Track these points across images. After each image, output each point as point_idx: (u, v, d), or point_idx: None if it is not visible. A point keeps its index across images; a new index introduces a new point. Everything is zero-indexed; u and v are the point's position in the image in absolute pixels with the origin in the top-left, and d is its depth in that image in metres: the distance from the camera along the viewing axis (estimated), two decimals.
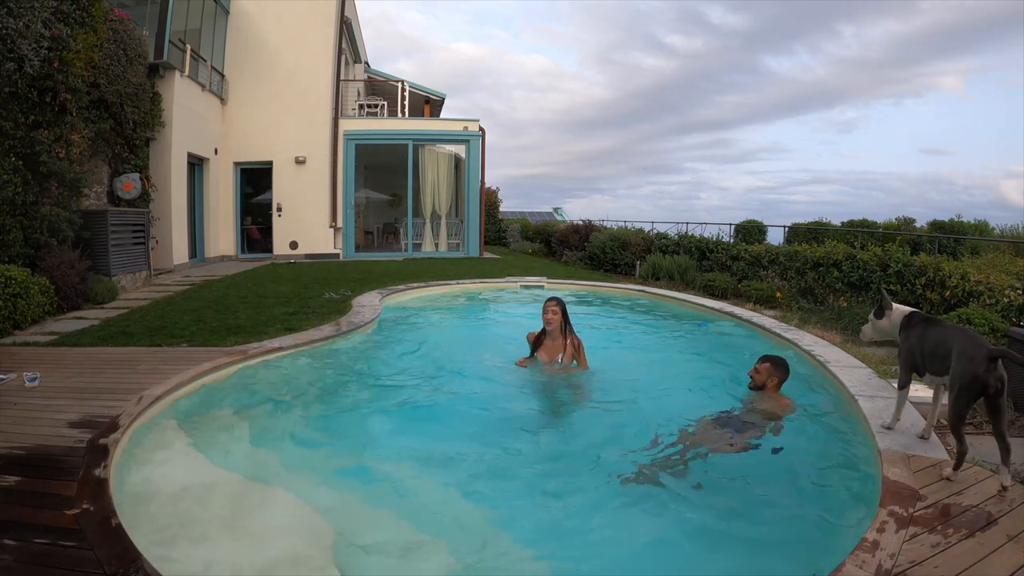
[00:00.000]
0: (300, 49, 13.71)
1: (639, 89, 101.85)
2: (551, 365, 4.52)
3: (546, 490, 2.91)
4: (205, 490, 2.77)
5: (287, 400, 4.00)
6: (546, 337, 4.58)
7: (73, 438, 2.82)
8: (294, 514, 2.64)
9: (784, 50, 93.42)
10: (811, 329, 5.95)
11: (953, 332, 2.69)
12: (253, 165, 13.83)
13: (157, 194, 10.05)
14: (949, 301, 5.83)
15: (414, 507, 2.73)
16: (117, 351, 4.66)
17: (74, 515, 2.14)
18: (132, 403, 3.27)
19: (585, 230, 15.17)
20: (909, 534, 2.12)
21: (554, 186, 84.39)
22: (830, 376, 4.16)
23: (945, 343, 2.66)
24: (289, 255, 13.76)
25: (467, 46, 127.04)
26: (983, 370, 2.41)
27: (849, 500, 2.72)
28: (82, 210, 7.47)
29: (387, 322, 6.62)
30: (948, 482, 2.52)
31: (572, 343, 4.54)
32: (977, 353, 2.45)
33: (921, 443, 2.91)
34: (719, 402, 3.96)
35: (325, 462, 3.17)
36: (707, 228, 13.13)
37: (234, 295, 7.63)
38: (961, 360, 2.51)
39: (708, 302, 7.53)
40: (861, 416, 3.31)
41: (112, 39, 8.21)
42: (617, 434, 3.55)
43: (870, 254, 7.36)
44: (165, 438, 3.21)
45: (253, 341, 4.92)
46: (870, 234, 12.53)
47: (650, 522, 2.64)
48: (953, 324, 2.87)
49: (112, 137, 8.81)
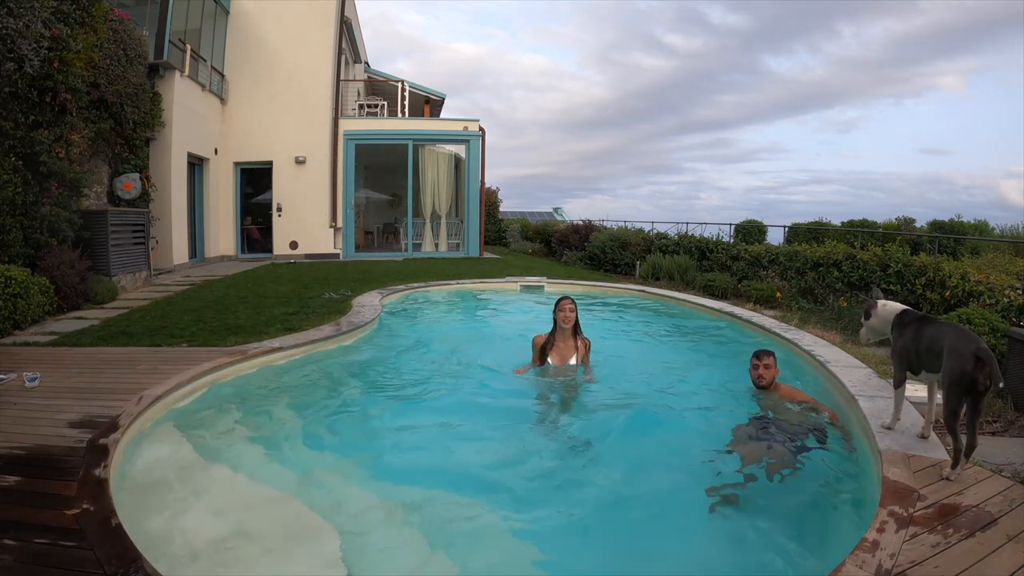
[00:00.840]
0: (300, 49, 13.71)
1: (639, 89, 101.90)
2: (564, 367, 4.39)
3: (579, 500, 2.82)
4: (205, 490, 2.77)
5: (287, 400, 4.00)
6: (557, 338, 4.44)
7: (73, 438, 2.82)
8: (295, 513, 2.63)
9: (784, 50, 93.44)
10: (811, 329, 5.95)
11: (946, 328, 2.70)
12: (253, 165, 13.82)
13: (157, 194, 10.05)
14: (949, 301, 5.83)
15: (417, 505, 2.72)
16: (117, 351, 4.66)
17: (74, 515, 2.14)
18: (132, 403, 3.27)
19: (585, 230, 15.17)
20: (909, 534, 2.12)
21: (554, 186, 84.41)
22: (830, 376, 4.16)
23: (938, 340, 2.67)
24: (289, 255, 13.76)
25: (466, 46, 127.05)
26: (971, 367, 2.41)
27: (849, 500, 2.72)
28: (82, 210, 7.47)
29: (387, 322, 6.62)
30: (948, 482, 2.52)
31: (583, 343, 4.48)
32: (966, 349, 2.46)
33: (921, 443, 2.91)
34: (741, 406, 3.86)
35: (325, 461, 3.17)
36: (707, 228, 13.15)
37: (234, 295, 7.62)
38: (951, 356, 2.53)
39: (708, 302, 7.53)
40: (861, 416, 3.31)
41: (112, 39, 8.21)
42: (664, 445, 3.45)
43: (870, 254, 7.36)
44: (165, 438, 3.21)
45: (253, 341, 4.92)
46: (870, 234, 12.53)
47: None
48: (946, 321, 2.87)
49: (112, 137, 8.81)
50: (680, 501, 2.81)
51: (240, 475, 2.93)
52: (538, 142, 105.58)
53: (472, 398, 4.16)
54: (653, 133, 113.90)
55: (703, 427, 3.64)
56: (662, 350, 5.79)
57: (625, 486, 2.93)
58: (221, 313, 6.32)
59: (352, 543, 2.43)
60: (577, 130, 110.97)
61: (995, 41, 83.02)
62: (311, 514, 2.63)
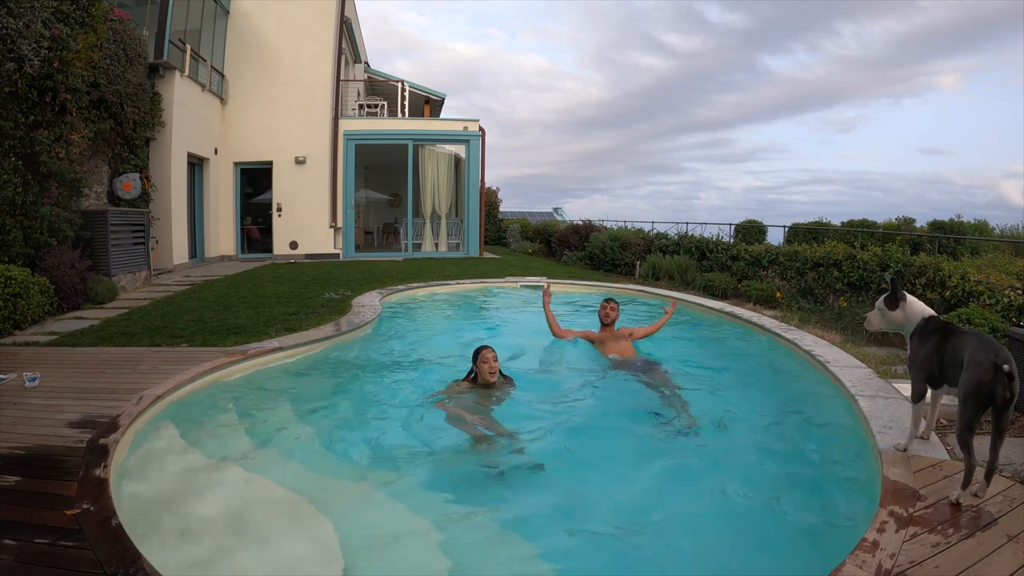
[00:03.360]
0: (300, 49, 13.71)
1: (637, 89, 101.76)
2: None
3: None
4: (206, 490, 2.77)
5: (287, 400, 4.00)
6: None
7: (73, 438, 2.82)
8: (296, 514, 2.63)
9: (782, 49, 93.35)
10: (811, 329, 5.95)
11: (968, 337, 2.51)
12: (253, 165, 13.83)
13: (157, 194, 10.05)
14: (949, 301, 5.83)
15: (418, 504, 2.73)
16: (117, 351, 4.66)
17: (74, 515, 2.14)
18: (132, 403, 3.27)
19: (585, 230, 15.16)
20: (909, 534, 2.12)
21: (554, 186, 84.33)
22: (830, 376, 4.16)
23: (960, 350, 2.49)
24: (289, 255, 13.76)
25: (464, 46, 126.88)
26: (989, 377, 2.23)
27: (848, 500, 2.72)
28: (82, 210, 7.47)
29: (387, 322, 6.62)
30: (948, 481, 2.51)
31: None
32: (984, 358, 2.28)
33: (921, 443, 2.91)
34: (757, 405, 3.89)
35: (325, 461, 3.17)
36: (707, 228, 13.19)
37: (234, 295, 7.62)
38: (969, 365, 2.36)
39: (708, 302, 7.53)
40: (861, 416, 3.31)
41: (112, 39, 8.21)
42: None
43: (870, 254, 7.36)
44: (165, 438, 3.21)
45: (253, 341, 4.92)
46: (870, 234, 12.53)
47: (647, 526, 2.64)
48: (971, 330, 2.65)
49: (112, 137, 8.81)
50: (681, 501, 2.81)
51: (240, 474, 2.93)
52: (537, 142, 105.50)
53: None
54: (652, 133, 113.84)
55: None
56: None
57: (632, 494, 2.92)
58: (221, 313, 6.31)
59: (352, 542, 2.43)
60: (576, 130, 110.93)
61: (994, 40, 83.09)
62: (313, 513, 2.63)
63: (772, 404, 4.04)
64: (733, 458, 3.25)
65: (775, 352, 5.29)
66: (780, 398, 4.14)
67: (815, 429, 3.56)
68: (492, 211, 23.63)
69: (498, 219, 24.63)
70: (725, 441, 3.47)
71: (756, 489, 2.88)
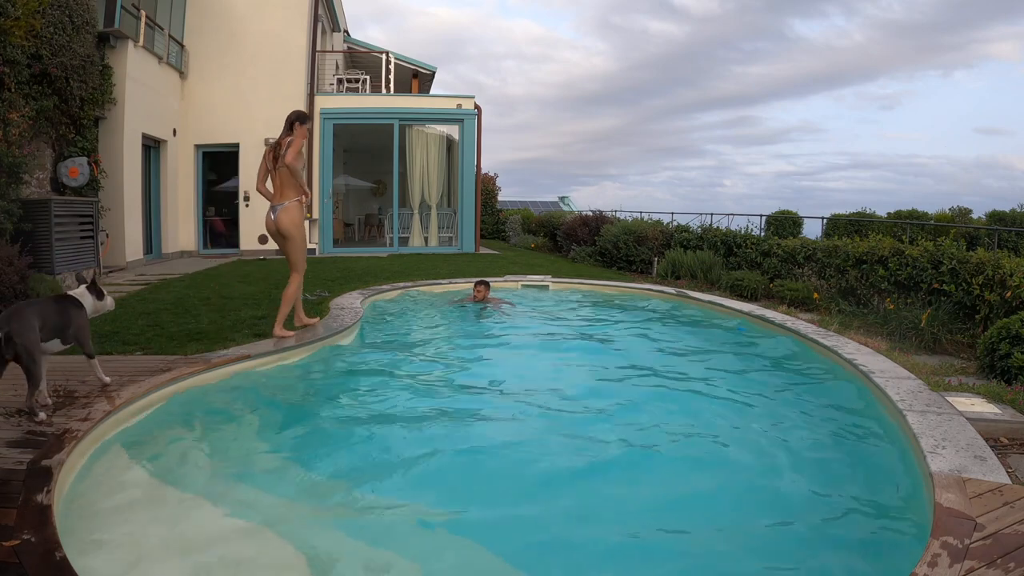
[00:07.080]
0: (270, 16, 13.73)
1: (647, 59, 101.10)
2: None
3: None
4: (161, 516, 2.77)
5: (254, 414, 4.01)
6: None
7: (12, 459, 2.82)
8: (256, 538, 2.65)
9: (815, 11, 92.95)
10: (853, 335, 5.96)
11: None
12: (217, 148, 13.84)
13: (108, 181, 10.06)
14: (1010, 303, 5.83)
15: (392, 525, 2.77)
16: (61, 360, 4.65)
17: (12, 547, 2.14)
18: (78, 419, 3.27)
19: (595, 222, 15.15)
20: (964, 569, 2.12)
21: (558, 172, 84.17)
22: (874, 388, 4.16)
23: None
24: (258, 250, 13.77)
25: (446, 10, 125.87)
26: None
27: (895, 529, 2.72)
28: (22, 199, 7.47)
29: (369, 327, 6.62)
30: (1010, 508, 2.51)
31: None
32: None
33: (979, 464, 2.91)
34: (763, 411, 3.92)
35: (295, 483, 3.17)
36: (734, 220, 13.16)
37: (195, 296, 7.63)
38: None
39: (736, 304, 7.53)
40: (910, 433, 3.31)
41: (56, 4, 8.22)
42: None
43: (920, 249, 7.36)
44: (116, 459, 3.21)
45: (217, 349, 4.92)
46: (920, 226, 12.54)
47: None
48: None
49: (56, 116, 8.82)
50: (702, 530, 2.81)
51: (199, 499, 2.93)
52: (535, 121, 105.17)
53: (459, 413, 4.18)
54: (666, 110, 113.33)
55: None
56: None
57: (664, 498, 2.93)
58: (181, 316, 6.32)
59: (318, 567, 2.44)
60: (580, 107, 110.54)
61: None
62: (274, 537, 2.65)
63: (806, 421, 4.04)
64: (763, 480, 3.25)
65: (810, 360, 5.30)
66: (816, 415, 4.14)
67: (856, 449, 3.56)
68: (489, 200, 23.66)
69: (496, 209, 24.66)
70: (752, 459, 3.48)
71: (788, 517, 2.88)
